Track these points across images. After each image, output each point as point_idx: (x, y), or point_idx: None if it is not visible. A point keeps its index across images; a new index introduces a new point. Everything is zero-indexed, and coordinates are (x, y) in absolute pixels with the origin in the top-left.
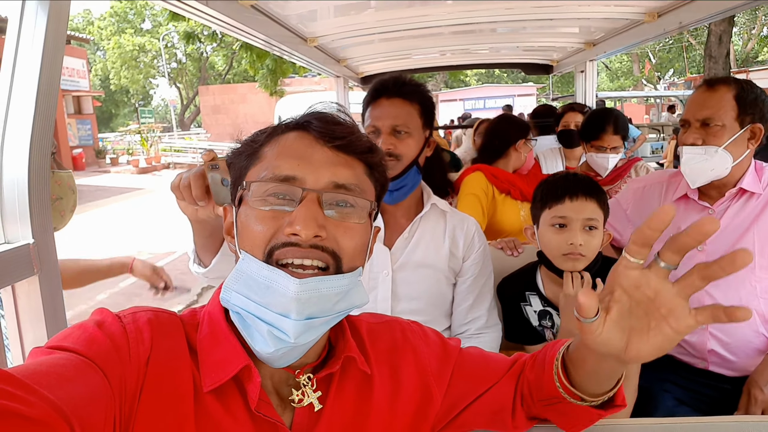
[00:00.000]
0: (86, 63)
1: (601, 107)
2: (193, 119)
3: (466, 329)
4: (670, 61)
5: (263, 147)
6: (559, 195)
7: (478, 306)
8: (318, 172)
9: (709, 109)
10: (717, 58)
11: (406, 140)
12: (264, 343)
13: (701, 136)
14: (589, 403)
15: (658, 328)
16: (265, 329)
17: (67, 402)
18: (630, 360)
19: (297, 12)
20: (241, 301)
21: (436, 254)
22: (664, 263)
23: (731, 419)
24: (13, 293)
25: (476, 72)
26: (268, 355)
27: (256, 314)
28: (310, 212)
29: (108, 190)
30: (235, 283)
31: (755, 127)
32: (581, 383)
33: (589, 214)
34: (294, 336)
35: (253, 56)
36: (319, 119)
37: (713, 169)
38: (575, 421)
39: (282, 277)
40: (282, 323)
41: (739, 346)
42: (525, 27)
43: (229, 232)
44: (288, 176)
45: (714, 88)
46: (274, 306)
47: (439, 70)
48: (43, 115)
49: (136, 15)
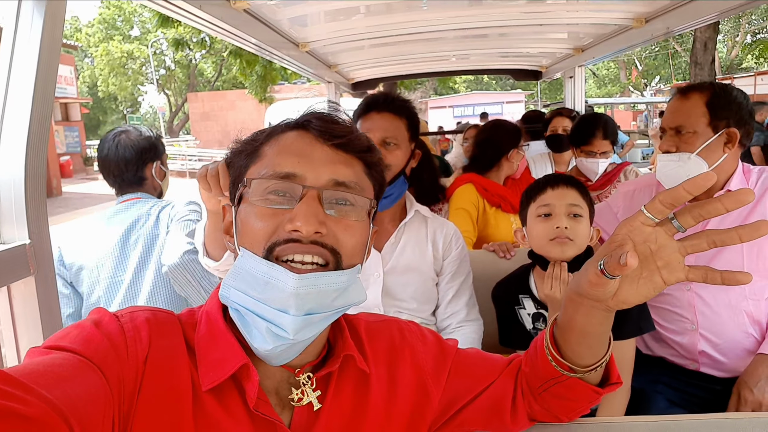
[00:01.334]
0: (74, 70)
1: (591, 113)
2: (182, 126)
3: (448, 324)
4: (657, 68)
5: (263, 146)
6: (542, 186)
7: (457, 300)
8: (318, 170)
9: (681, 116)
10: (702, 64)
11: (394, 151)
12: (262, 341)
13: (675, 144)
14: (583, 375)
15: (649, 277)
16: (263, 326)
17: (65, 401)
18: (617, 305)
19: (289, 16)
20: (239, 298)
21: (421, 257)
22: (678, 223)
23: (723, 416)
24: (9, 294)
25: (465, 79)
26: (266, 352)
27: (254, 311)
28: (311, 209)
29: (96, 198)
30: (233, 279)
31: (730, 131)
32: (573, 354)
33: (571, 200)
34: (293, 332)
35: (242, 63)
36: (318, 118)
37: (689, 175)
38: (575, 404)
39: (281, 272)
40: (281, 319)
41: (729, 347)
42: (514, 33)
43: (228, 232)
44: (288, 173)
45: (686, 96)
46: (273, 302)
47: (429, 77)
48: (40, 115)
49: (124, 22)
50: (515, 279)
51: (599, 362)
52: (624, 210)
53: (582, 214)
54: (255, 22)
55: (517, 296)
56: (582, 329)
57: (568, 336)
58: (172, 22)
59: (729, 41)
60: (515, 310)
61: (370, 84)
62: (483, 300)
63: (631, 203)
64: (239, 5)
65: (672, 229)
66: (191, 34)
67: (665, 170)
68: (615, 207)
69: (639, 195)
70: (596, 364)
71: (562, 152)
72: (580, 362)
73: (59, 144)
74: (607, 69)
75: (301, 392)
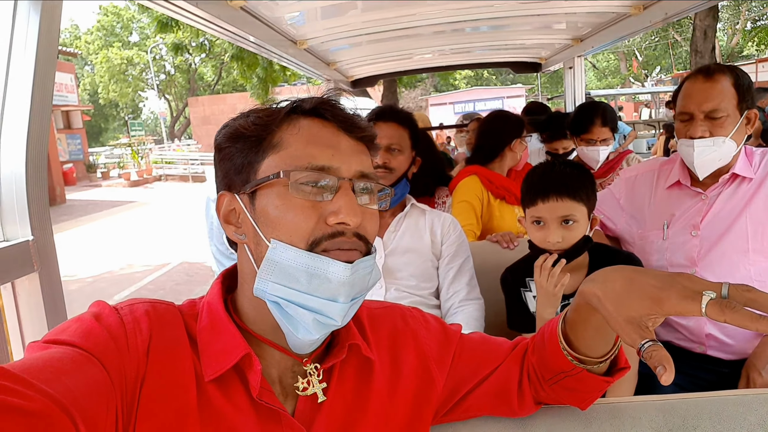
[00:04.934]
0: (74, 77)
1: (589, 101)
2: (183, 131)
3: (451, 304)
4: (657, 58)
5: (278, 132)
6: (533, 197)
7: (458, 280)
8: (349, 162)
9: (714, 100)
10: (703, 53)
11: (398, 157)
12: (306, 332)
13: (708, 128)
14: (594, 368)
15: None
16: (310, 318)
17: (66, 394)
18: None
19: (285, 14)
20: (281, 291)
21: (420, 241)
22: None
23: (730, 393)
24: (13, 290)
25: (465, 75)
26: (310, 342)
27: (299, 303)
28: (352, 200)
29: (100, 204)
30: (270, 274)
31: (750, 112)
32: (586, 347)
33: (562, 212)
34: (341, 319)
35: (243, 66)
36: (334, 107)
37: (720, 159)
38: (585, 395)
39: (331, 264)
40: (329, 309)
41: (735, 330)
42: (513, 24)
43: (228, 220)
44: (325, 166)
45: (713, 78)
46: (321, 292)
47: (428, 72)
48: (39, 111)
49: (123, 28)
50: (524, 263)
51: (611, 352)
52: (627, 196)
53: (576, 219)
54: (252, 19)
55: (524, 279)
56: (597, 326)
57: (582, 332)
58: (171, 27)
59: (729, 29)
60: (521, 293)
61: (369, 81)
62: (487, 290)
63: (634, 189)
64: (236, 3)
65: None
66: (190, 38)
67: (703, 156)
68: (618, 194)
69: (641, 180)
70: (608, 354)
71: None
72: (592, 354)
73: (62, 152)
74: (607, 61)
75: (307, 382)
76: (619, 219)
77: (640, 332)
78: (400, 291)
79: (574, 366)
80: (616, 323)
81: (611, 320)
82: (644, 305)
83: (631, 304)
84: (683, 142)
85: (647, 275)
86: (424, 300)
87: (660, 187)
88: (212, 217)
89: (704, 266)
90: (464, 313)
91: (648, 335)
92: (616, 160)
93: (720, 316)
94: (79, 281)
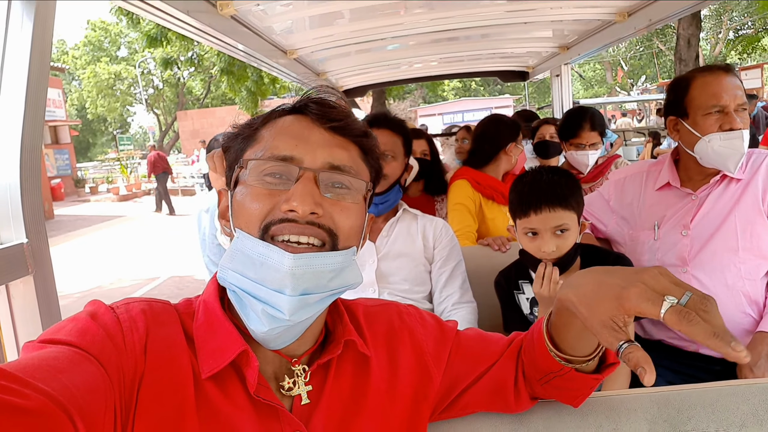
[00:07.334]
0: (62, 93)
1: (577, 106)
2: (172, 145)
3: (444, 308)
4: (642, 67)
5: (260, 129)
6: (525, 209)
7: (450, 284)
8: (315, 153)
9: (740, 93)
10: (687, 61)
11: (391, 163)
12: (258, 322)
13: (741, 121)
14: (583, 366)
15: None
16: (259, 308)
17: (63, 392)
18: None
19: (275, 23)
20: (236, 279)
21: (412, 245)
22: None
23: (722, 384)
24: (8, 293)
25: (453, 87)
26: (263, 334)
27: (250, 292)
28: (306, 189)
29: (89, 219)
30: (230, 261)
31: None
32: (572, 348)
33: (555, 222)
34: (289, 313)
35: (232, 79)
36: (315, 102)
37: (742, 153)
38: (575, 393)
39: (276, 252)
40: (276, 300)
41: (727, 328)
42: (499, 33)
43: (224, 216)
44: (286, 156)
45: (731, 73)
46: (269, 282)
47: (417, 81)
48: (33, 114)
49: (111, 43)
50: (517, 265)
51: (597, 350)
52: (616, 198)
53: (568, 227)
54: (242, 29)
55: (517, 282)
56: (580, 328)
57: (565, 335)
58: (160, 42)
59: (712, 38)
60: (515, 295)
61: (359, 91)
62: (480, 294)
63: (623, 191)
64: (226, 11)
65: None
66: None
67: (743, 149)
68: (607, 195)
69: (630, 182)
70: (595, 352)
71: (549, 159)
72: (578, 353)
73: (50, 167)
74: (594, 71)
75: (293, 382)
76: (609, 220)
77: (615, 334)
78: (393, 295)
79: (562, 366)
80: (591, 327)
81: (587, 324)
82: (612, 306)
83: (600, 306)
84: (722, 135)
85: (614, 275)
86: (417, 304)
87: (649, 189)
88: (204, 229)
89: (695, 265)
90: (457, 316)
91: (623, 336)
92: (605, 165)
93: (677, 325)
94: (67, 297)
